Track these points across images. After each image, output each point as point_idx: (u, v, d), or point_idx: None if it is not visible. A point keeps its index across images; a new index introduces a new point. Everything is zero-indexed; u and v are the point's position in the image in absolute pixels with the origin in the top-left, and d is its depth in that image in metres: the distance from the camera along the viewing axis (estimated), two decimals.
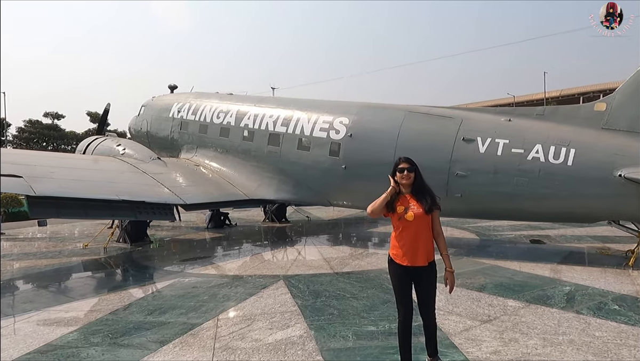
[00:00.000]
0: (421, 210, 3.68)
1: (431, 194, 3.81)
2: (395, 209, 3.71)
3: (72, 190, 7.86)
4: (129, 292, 6.75)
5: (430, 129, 9.08)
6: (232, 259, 9.21)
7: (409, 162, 3.78)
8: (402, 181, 3.73)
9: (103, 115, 14.61)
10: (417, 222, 3.66)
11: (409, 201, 3.73)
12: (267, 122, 11.43)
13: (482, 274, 7.21)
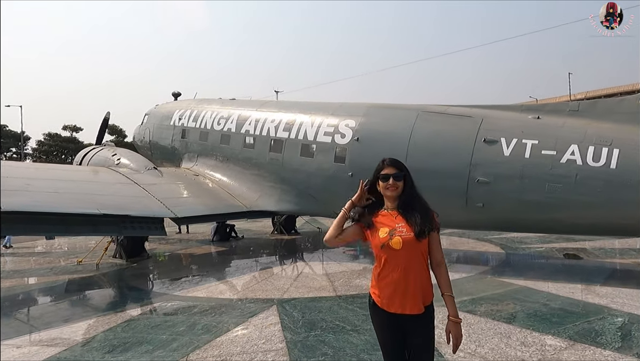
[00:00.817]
0: (412, 234, 2.68)
1: (425, 208, 2.80)
2: (375, 232, 2.73)
3: (47, 204, 7.13)
4: (99, 320, 5.91)
5: (446, 130, 8.05)
6: (228, 278, 8.33)
7: (396, 166, 2.78)
8: (387, 192, 2.75)
9: (102, 124, 14.08)
10: (408, 251, 2.66)
11: (394, 221, 2.73)
12: (269, 128, 10.59)
13: (511, 299, 6.10)
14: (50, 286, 8.27)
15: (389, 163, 2.82)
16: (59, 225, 7.13)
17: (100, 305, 6.91)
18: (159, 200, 8.93)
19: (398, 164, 2.83)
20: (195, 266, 10.23)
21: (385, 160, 2.85)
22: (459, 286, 6.94)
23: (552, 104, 7.82)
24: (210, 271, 9.23)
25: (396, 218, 2.76)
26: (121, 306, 6.55)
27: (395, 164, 2.82)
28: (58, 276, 9.15)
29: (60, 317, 6.09)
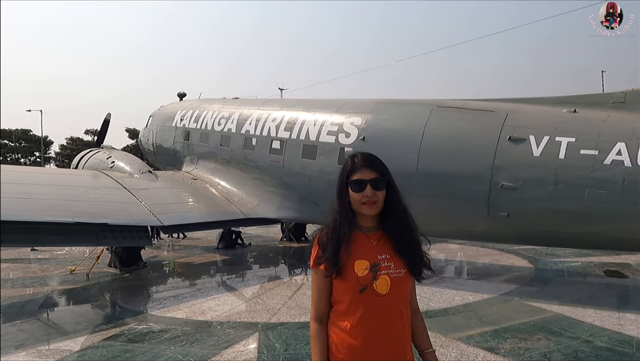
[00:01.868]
0: (403, 271, 1.81)
1: (415, 230, 1.90)
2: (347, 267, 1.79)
3: (13, 211, 6.41)
4: (54, 348, 5.11)
5: (464, 127, 6.96)
6: (215, 294, 7.43)
7: (374, 167, 1.86)
8: (363, 208, 1.84)
9: (102, 126, 13.54)
10: (396, 297, 1.81)
11: (375, 250, 1.83)
12: (270, 127, 9.70)
13: (544, 332, 4.97)
14: (26, 301, 7.58)
15: (364, 163, 1.85)
16: (24, 235, 6.41)
17: (63, 327, 6.10)
18: (146, 206, 8.15)
19: (376, 163, 1.88)
20: (188, 279, 9.40)
21: (355, 157, 1.89)
22: (478, 311, 5.85)
23: (592, 95, 6.63)
24: (201, 285, 8.37)
25: (378, 245, 1.85)
26: (85, 331, 5.71)
27: (373, 164, 1.87)
28: (42, 288, 8.49)
29: (13, 341, 5.32)
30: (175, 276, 9.78)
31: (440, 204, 7.02)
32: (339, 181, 1.89)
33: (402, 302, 1.84)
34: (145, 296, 7.71)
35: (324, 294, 1.85)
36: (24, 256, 12.59)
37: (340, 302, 1.81)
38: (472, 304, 6.16)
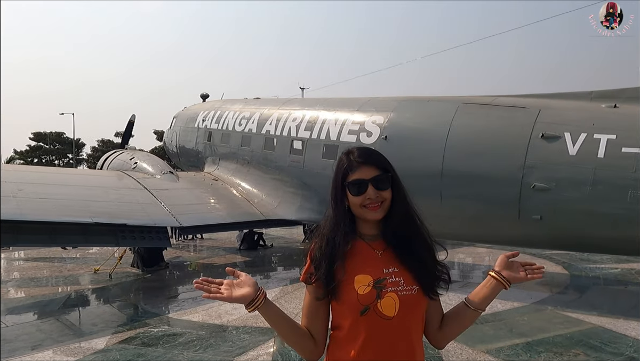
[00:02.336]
0: (416, 287, 1.51)
1: (429, 237, 1.61)
2: (346, 284, 1.51)
3: (34, 212, 6.46)
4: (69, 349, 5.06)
5: (492, 124, 6.57)
6: None
7: (376, 163, 1.57)
8: (365, 212, 1.56)
9: (127, 127, 13.72)
10: (405, 318, 1.50)
11: (380, 262, 1.54)
12: (290, 127, 9.52)
13: (582, 347, 4.56)
14: (48, 300, 7.64)
15: (362, 159, 1.56)
16: (43, 235, 6.43)
17: (80, 328, 6.08)
18: (165, 207, 8.10)
19: (376, 158, 1.58)
20: None
21: (351, 153, 1.59)
22: (508, 320, 5.47)
23: (634, 89, 6.12)
24: None
25: (383, 256, 1.55)
26: (101, 333, 5.67)
27: (373, 159, 1.57)
28: (65, 287, 8.58)
29: (29, 343, 5.30)
30: (195, 277, 9.72)
31: (467, 206, 6.65)
32: (334, 183, 1.60)
33: (415, 327, 1.53)
34: (164, 297, 7.66)
35: (315, 317, 1.58)
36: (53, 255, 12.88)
37: (339, 328, 1.53)
38: (501, 313, 5.78)
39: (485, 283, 1.62)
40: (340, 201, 1.57)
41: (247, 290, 1.51)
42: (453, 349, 4.55)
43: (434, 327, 1.61)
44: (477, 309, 1.60)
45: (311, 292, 1.57)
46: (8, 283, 9.51)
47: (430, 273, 1.55)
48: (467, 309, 1.60)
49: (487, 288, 1.61)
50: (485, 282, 1.63)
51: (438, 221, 1.74)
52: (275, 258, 11.76)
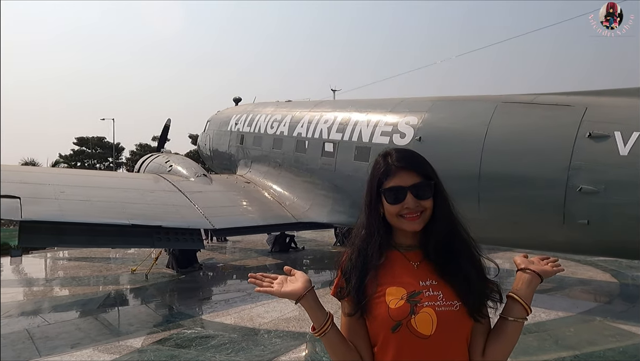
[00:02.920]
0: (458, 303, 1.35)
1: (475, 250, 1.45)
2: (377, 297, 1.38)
3: (74, 213, 6.68)
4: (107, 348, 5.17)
5: (534, 123, 6.25)
6: (265, 300, 7.25)
7: (416, 168, 1.43)
8: (402, 222, 1.42)
9: (163, 131, 14.07)
10: (444, 338, 1.34)
11: (416, 275, 1.40)
12: (321, 129, 9.46)
13: None
14: (88, 299, 7.88)
15: (401, 164, 1.41)
16: (83, 236, 6.63)
17: (117, 328, 6.21)
18: (199, 209, 8.21)
19: (418, 163, 1.43)
20: (239, 282, 9.39)
21: (389, 156, 1.44)
22: (553, 331, 5.16)
23: None
24: (251, 289, 8.21)
25: (419, 268, 1.41)
26: (136, 333, 5.77)
27: (414, 164, 1.42)
28: (104, 287, 8.85)
29: (69, 341, 5.46)
30: (228, 279, 9.82)
31: (507, 210, 6.35)
32: (368, 188, 1.46)
33: (456, 349, 1.36)
34: (197, 299, 7.74)
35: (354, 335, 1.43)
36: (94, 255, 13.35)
37: (374, 346, 1.40)
38: (545, 323, 5.46)
39: (517, 282, 1.43)
40: (374, 209, 1.44)
41: (297, 286, 1.43)
42: None
43: (478, 352, 1.41)
44: (517, 318, 1.39)
45: (344, 309, 1.46)
46: (52, 281, 9.93)
47: (476, 290, 1.37)
48: (505, 321, 1.41)
49: (521, 286, 1.42)
50: (516, 281, 1.44)
51: (475, 226, 1.58)
52: (306, 260, 11.72)
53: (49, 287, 9.07)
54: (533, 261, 1.47)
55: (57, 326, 6.20)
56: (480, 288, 1.39)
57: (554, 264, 1.48)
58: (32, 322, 6.36)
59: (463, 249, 1.43)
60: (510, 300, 1.42)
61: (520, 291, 1.41)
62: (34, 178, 7.51)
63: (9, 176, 7.13)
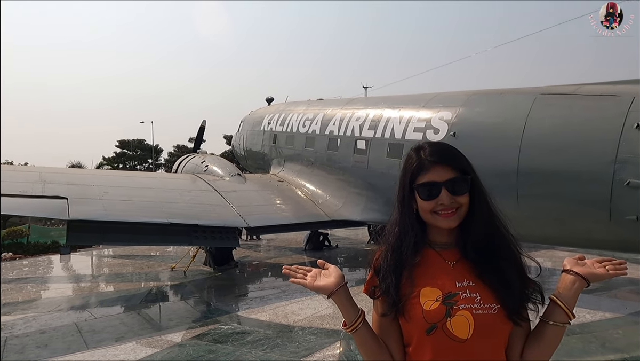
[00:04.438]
0: (496, 306, 1.30)
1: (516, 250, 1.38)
2: (412, 298, 1.34)
3: (117, 213, 6.98)
4: (148, 342, 5.38)
5: (576, 115, 5.97)
6: (299, 297, 7.33)
7: (451, 162, 1.38)
8: (437, 219, 1.38)
9: (199, 132, 14.45)
10: (482, 343, 1.29)
11: (453, 275, 1.36)
12: (353, 127, 9.42)
13: None
14: (132, 295, 8.22)
15: (436, 158, 1.37)
16: (126, 234, 6.92)
17: (158, 322, 6.44)
18: (234, 208, 8.39)
19: (454, 157, 1.39)
20: (274, 279, 9.52)
21: (422, 150, 1.40)
22: (600, 333, 4.93)
23: None
24: (286, 287, 8.36)
25: (456, 268, 1.37)
26: (176, 327, 5.97)
27: (449, 158, 1.38)
28: (146, 283, 9.20)
29: (114, 334, 5.72)
30: (263, 276, 9.97)
31: (548, 207, 6.10)
32: (401, 184, 1.43)
33: (494, 354, 1.31)
34: (233, 295, 7.90)
35: (386, 335, 1.40)
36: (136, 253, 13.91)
37: (408, 347, 1.38)
38: (590, 324, 5.22)
39: (561, 284, 1.35)
40: (408, 205, 1.41)
41: (330, 280, 1.42)
42: None
43: (515, 355, 1.36)
44: (557, 323, 1.32)
45: (377, 308, 1.44)
46: (98, 277, 10.43)
47: (516, 292, 1.32)
48: (545, 324, 1.34)
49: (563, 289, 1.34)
50: (560, 283, 1.35)
51: (515, 223, 1.51)
52: (340, 258, 11.71)
53: (95, 283, 9.52)
54: (585, 263, 1.38)
55: (103, 320, 6.52)
56: (520, 290, 1.34)
57: (614, 266, 1.37)
58: (80, 316, 6.71)
59: (502, 247, 1.37)
60: (552, 303, 1.35)
61: (563, 295, 1.33)
62: (80, 180, 7.89)
63: (57, 178, 7.55)
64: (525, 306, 1.35)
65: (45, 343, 5.46)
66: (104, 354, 5.02)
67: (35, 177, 7.35)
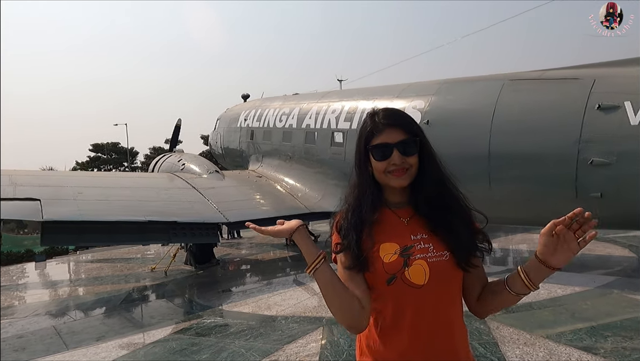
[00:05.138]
0: (446, 253, 1.41)
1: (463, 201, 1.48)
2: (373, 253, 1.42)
3: (92, 212, 6.88)
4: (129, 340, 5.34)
5: (542, 99, 6.20)
6: (282, 289, 7.38)
7: (401, 125, 1.46)
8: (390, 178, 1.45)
9: (174, 132, 14.30)
10: (438, 288, 1.40)
11: (408, 230, 1.46)
12: (330, 120, 9.51)
13: None
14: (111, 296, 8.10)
15: (388, 121, 1.45)
16: (102, 234, 6.83)
17: (139, 321, 6.41)
18: (213, 204, 8.37)
19: (404, 120, 1.48)
20: (256, 274, 9.54)
21: (376, 115, 1.48)
22: (569, 306, 5.15)
23: None
24: (268, 281, 8.40)
25: (410, 224, 1.47)
26: (158, 324, 5.93)
27: (399, 121, 1.46)
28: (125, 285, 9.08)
29: (94, 335, 5.64)
30: (245, 272, 9.98)
31: (519, 188, 6.33)
32: (357, 148, 1.52)
33: (451, 296, 1.42)
34: (215, 291, 7.87)
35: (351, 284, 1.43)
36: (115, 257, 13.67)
37: (373, 297, 1.45)
38: (561, 298, 5.45)
39: (532, 264, 1.34)
40: (364, 167, 1.49)
41: (290, 223, 1.52)
42: (509, 334, 4.34)
43: (473, 297, 1.48)
44: (518, 293, 1.37)
45: (341, 261, 1.49)
46: (76, 282, 10.23)
47: (465, 241, 1.41)
48: (507, 292, 1.38)
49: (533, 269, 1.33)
50: (531, 263, 1.34)
51: (488, 206, 1.61)
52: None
53: (73, 287, 9.35)
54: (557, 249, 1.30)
55: (82, 322, 6.42)
56: (468, 239, 1.43)
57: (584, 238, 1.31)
58: (58, 320, 6.59)
59: (452, 203, 1.46)
60: (517, 275, 1.35)
61: (531, 274, 1.33)
62: (53, 181, 7.75)
63: (29, 180, 7.37)
64: (474, 255, 1.44)
65: (23, 347, 5.36)
66: (85, 353, 4.97)
67: (6, 181, 7.16)
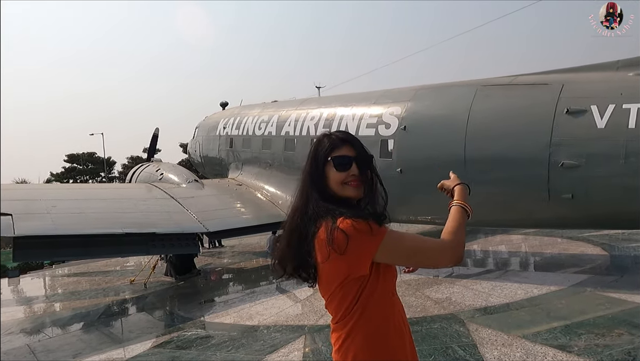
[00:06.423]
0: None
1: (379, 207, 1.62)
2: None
3: (67, 226, 6.71)
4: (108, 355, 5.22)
5: (514, 104, 6.37)
6: (264, 298, 7.33)
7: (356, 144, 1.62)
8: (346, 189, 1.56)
9: (152, 141, 14.08)
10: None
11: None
12: (309, 126, 9.54)
13: (626, 326, 4.34)
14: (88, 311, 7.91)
15: (345, 137, 1.61)
16: (78, 248, 6.68)
17: (118, 336, 6.28)
18: (192, 214, 8.26)
19: (358, 142, 1.63)
20: (238, 284, 9.47)
21: (331, 135, 1.63)
22: (545, 305, 5.28)
23: None
24: (250, 290, 8.34)
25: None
26: (137, 339, 5.83)
27: (355, 141, 1.62)
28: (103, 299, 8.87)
29: (71, 352, 5.51)
30: (226, 282, 9.88)
31: (494, 192, 6.46)
32: (313, 161, 1.60)
33: None
34: (196, 302, 7.79)
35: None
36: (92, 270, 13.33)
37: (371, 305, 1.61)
38: (537, 298, 5.57)
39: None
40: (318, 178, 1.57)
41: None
42: (488, 336, 4.42)
43: None
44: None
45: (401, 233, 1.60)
46: (51, 297, 9.95)
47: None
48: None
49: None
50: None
51: None
52: None
53: (49, 303, 9.10)
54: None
55: (58, 339, 6.25)
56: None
57: None
58: (33, 338, 6.40)
59: None
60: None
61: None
62: (24, 195, 7.53)
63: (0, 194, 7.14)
64: None
65: None
66: None
67: None
